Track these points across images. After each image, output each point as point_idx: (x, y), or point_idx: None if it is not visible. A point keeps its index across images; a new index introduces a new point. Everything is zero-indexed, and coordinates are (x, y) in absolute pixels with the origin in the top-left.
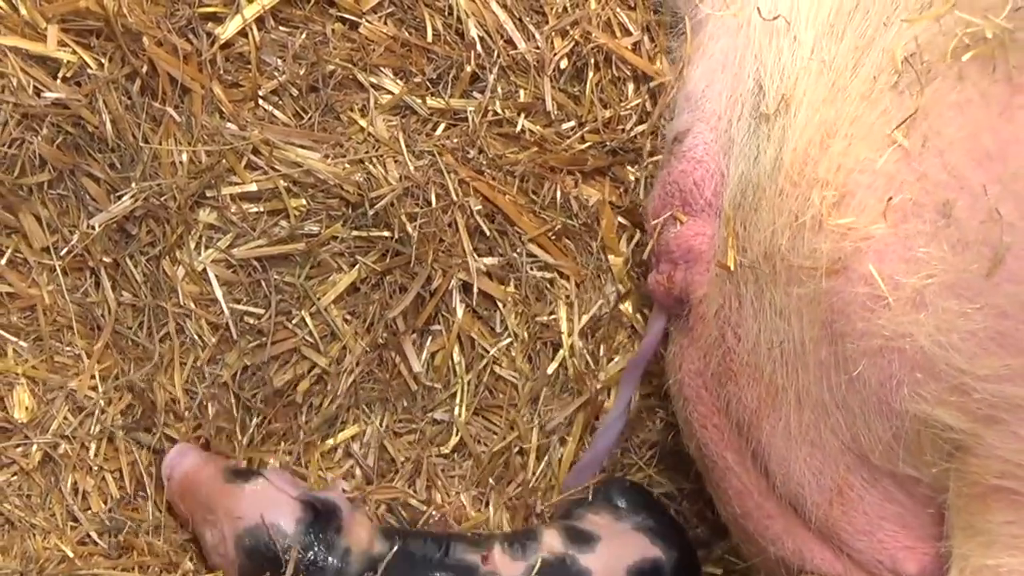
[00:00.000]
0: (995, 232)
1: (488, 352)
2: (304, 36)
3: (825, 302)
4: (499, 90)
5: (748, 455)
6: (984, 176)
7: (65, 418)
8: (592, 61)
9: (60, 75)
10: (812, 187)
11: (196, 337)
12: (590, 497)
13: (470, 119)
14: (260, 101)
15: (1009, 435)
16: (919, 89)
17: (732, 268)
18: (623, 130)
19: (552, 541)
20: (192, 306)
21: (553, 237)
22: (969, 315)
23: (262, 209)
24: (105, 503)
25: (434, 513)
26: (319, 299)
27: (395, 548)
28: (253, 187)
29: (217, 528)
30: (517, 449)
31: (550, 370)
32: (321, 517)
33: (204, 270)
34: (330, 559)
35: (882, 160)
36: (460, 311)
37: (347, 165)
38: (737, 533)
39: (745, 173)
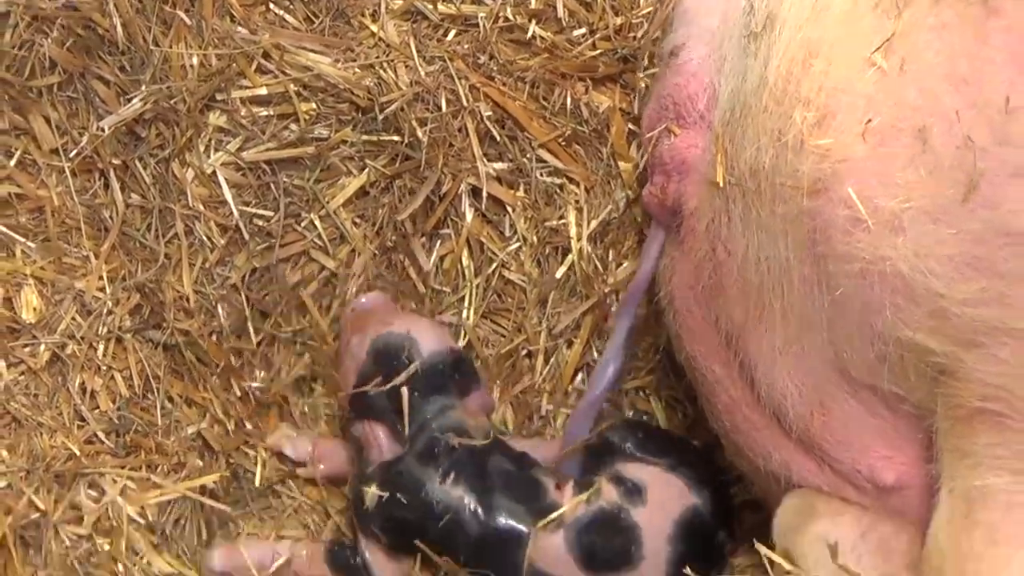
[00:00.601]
0: (970, 158)
1: (497, 256)
2: None
3: (807, 223)
4: None
5: (735, 368)
6: (959, 101)
7: (73, 318)
8: None
9: None
10: (794, 106)
11: (205, 239)
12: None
13: (481, 25)
14: (271, 5)
15: (989, 358)
16: (897, 11)
17: (721, 184)
18: (634, 37)
19: (609, 493)
20: (201, 208)
21: (563, 143)
22: (946, 240)
23: (272, 113)
24: (113, 402)
25: None
26: (328, 202)
27: (487, 441)
28: (263, 91)
29: (364, 333)
30: (525, 352)
31: (559, 274)
32: (458, 368)
33: (213, 172)
34: (430, 400)
35: (862, 82)
36: (469, 215)
37: (357, 70)
38: (728, 447)
39: (734, 90)
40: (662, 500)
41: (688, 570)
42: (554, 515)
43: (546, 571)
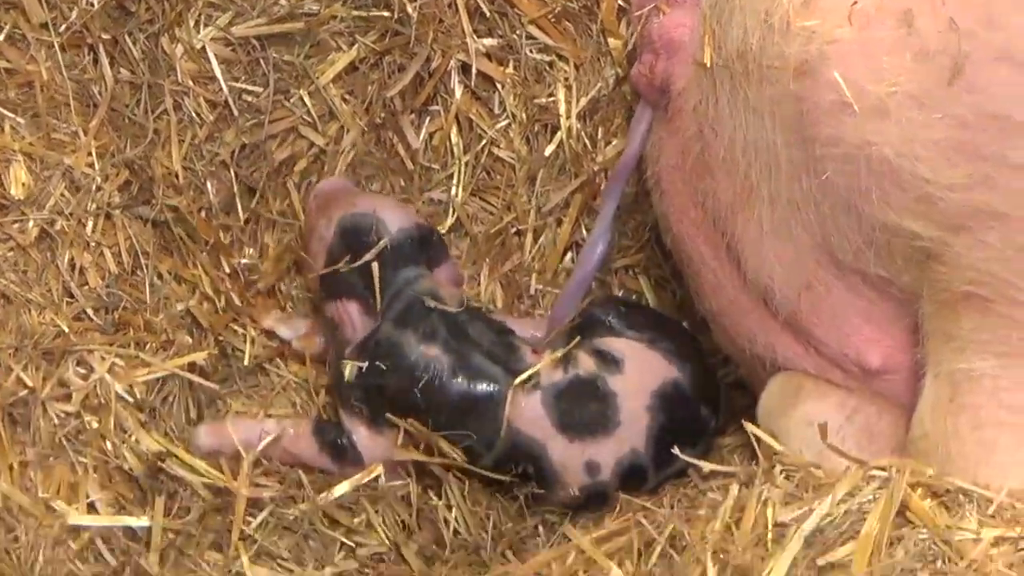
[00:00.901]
0: (954, 41)
1: (486, 133)
2: None
3: (794, 106)
4: None
5: (723, 249)
6: None
7: (62, 195)
8: None
9: None
10: None
11: (194, 115)
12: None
13: None
14: None
15: (975, 243)
16: None
17: (708, 65)
18: None
19: (587, 363)
20: (190, 84)
21: (553, 19)
22: (931, 125)
23: None
24: (102, 279)
25: None
26: (318, 78)
27: (460, 309)
28: None
29: (329, 215)
30: (514, 230)
31: (548, 151)
32: (426, 242)
33: (203, 48)
34: (401, 271)
35: None
36: (459, 92)
37: None
38: (715, 330)
39: None
40: (640, 371)
41: (670, 441)
42: (530, 371)
43: (525, 432)
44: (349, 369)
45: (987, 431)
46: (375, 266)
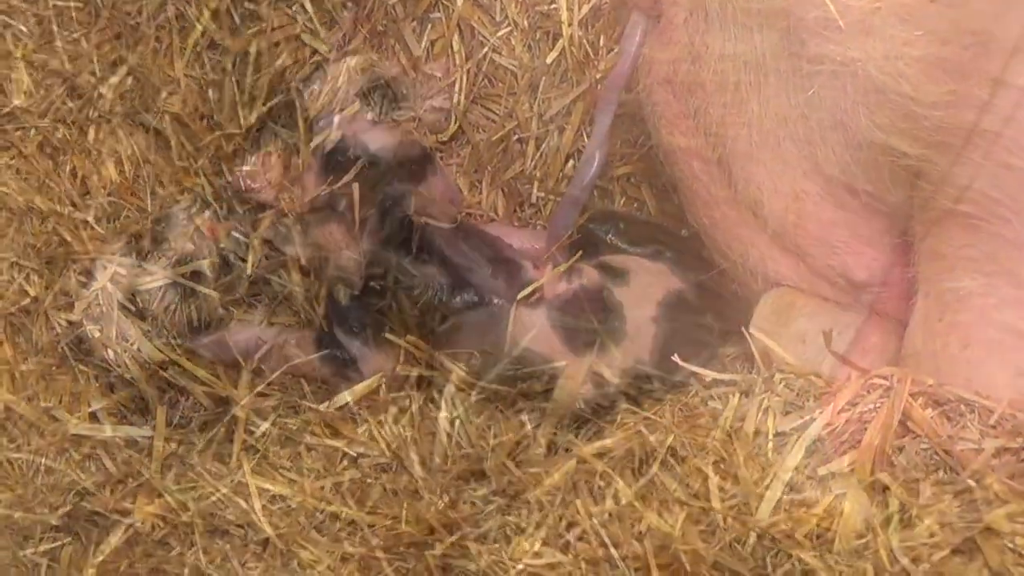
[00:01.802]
0: None
1: (488, 40)
2: None
3: (781, 22)
4: None
5: (713, 163)
6: None
7: (64, 102)
8: None
9: None
10: None
11: (196, 22)
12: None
13: None
14: None
15: (961, 160)
16: None
17: None
18: None
19: (591, 275)
20: None
21: None
22: (914, 42)
23: None
24: (104, 188)
25: None
26: None
27: (454, 224)
28: None
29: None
30: (516, 138)
31: (550, 59)
32: (410, 158)
33: None
34: (386, 191)
35: None
36: None
37: None
38: (709, 244)
39: None
40: (645, 283)
41: (676, 351)
42: (533, 286)
43: (530, 347)
44: (343, 292)
45: (976, 350)
46: (355, 188)
